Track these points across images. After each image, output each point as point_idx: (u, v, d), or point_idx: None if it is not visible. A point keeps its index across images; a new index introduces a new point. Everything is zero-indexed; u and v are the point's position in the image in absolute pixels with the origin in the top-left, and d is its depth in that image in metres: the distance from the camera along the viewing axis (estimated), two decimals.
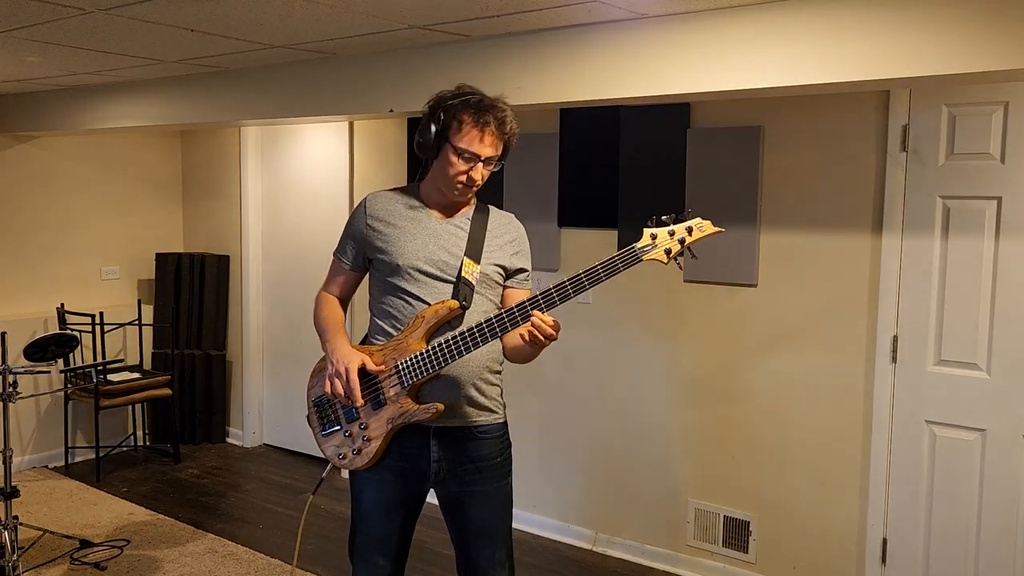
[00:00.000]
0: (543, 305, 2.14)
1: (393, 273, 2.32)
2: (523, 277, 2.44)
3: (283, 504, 4.73)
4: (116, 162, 5.69)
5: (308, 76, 3.75)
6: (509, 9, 2.74)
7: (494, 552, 2.41)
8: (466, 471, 2.35)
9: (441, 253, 2.32)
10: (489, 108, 2.24)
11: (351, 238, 2.44)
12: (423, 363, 2.23)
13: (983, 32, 2.24)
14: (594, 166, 4.02)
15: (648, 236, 2.13)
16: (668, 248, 2.12)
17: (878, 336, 3.36)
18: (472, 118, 2.22)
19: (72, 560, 3.86)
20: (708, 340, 3.77)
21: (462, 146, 2.24)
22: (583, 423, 4.17)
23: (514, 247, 2.42)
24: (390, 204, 2.40)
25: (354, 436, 2.34)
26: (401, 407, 2.26)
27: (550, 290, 2.14)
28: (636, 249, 2.12)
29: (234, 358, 5.83)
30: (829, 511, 3.52)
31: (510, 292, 2.43)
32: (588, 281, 2.11)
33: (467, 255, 2.32)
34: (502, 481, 2.42)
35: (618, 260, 2.11)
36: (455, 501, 2.40)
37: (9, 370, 3.62)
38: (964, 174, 3.17)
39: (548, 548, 4.16)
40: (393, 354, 2.28)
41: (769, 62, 2.58)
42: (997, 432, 3.16)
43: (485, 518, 2.40)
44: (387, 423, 2.28)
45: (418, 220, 2.35)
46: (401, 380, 2.26)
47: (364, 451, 2.32)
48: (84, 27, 3.08)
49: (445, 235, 2.34)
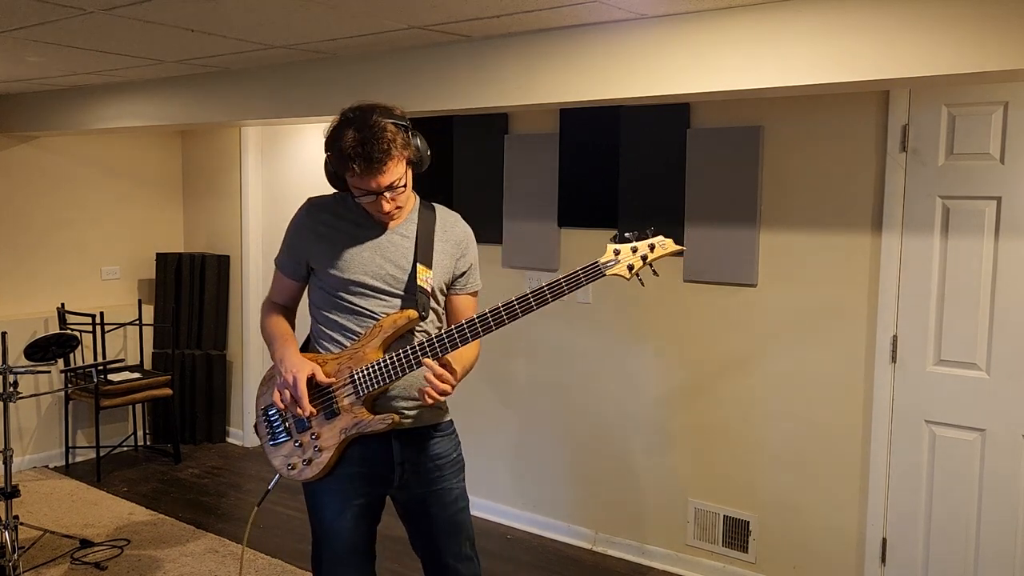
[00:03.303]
0: (505, 318, 2.14)
1: (339, 287, 2.30)
2: (465, 281, 2.42)
3: (283, 504, 4.73)
4: (116, 162, 5.70)
5: (308, 76, 3.75)
6: (509, 9, 2.74)
7: (461, 547, 2.41)
8: (428, 470, 2.35)
9: (388, 266, 2.29)
10: (371, 140, 2.12)
11: (293, 248, 2.40)
12: (380, 373, 2.21)
13: (983, 32, 2.24)
14: (594, 166, 4.02)
15: (611, 252, 2.15)
16: (631, 264, 2.14)
17: (878, 336, 3.36)
18: (357, 163, 2.13)
19: (72, 560, 3.87)
20: (708, 340, 3.77)
21: (360, 187, 2.19)
22: (583, 423, 4.17)
23: (460, 248, 2.40)
24: (332, 212, 2.35)
25: (305, 446, 2.31)
26: (356, 417, 2.24)
27: (512, 303, 2.14)
28: (599, 264, 2.14)
29: (234, 358, 5.83)
30: (829, 511, 3.52)
31: (455, 299, 2.41)
32: (551, 295, 2.13)
33: (420, 262, 2.29)
34: (459, 476, 2.42)
35: (581, 274, 2.13)
36: (418, 502, 2.38)
37: (9, 370, 3.62)
38: (964, 174, 3.17)
39: (548, 548, 4.16)
40: (349, 363, 2.25)
41: (769, 62, 2.58)
42: (997, 432, 3.16)
43: (451, 514, 2.39)
44: (340, 433, 2.26)
45: (361, 231, 2.31)
46: (357, 390, 2.24)
47: (315, 462, 2.29)
48: (84, 27, 3.08)
49: (390, 246, 2.31)
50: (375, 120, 2.15)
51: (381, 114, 2.17)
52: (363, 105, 2.21)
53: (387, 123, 2.15)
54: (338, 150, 2.16)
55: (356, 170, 2.14)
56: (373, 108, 2.19)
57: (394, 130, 2.15)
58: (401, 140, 2.17)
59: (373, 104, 2.22)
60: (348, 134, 2.14)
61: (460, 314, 2.40)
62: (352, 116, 2.18)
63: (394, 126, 2.16)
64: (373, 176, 2.15)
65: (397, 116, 2.21)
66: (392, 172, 2.17)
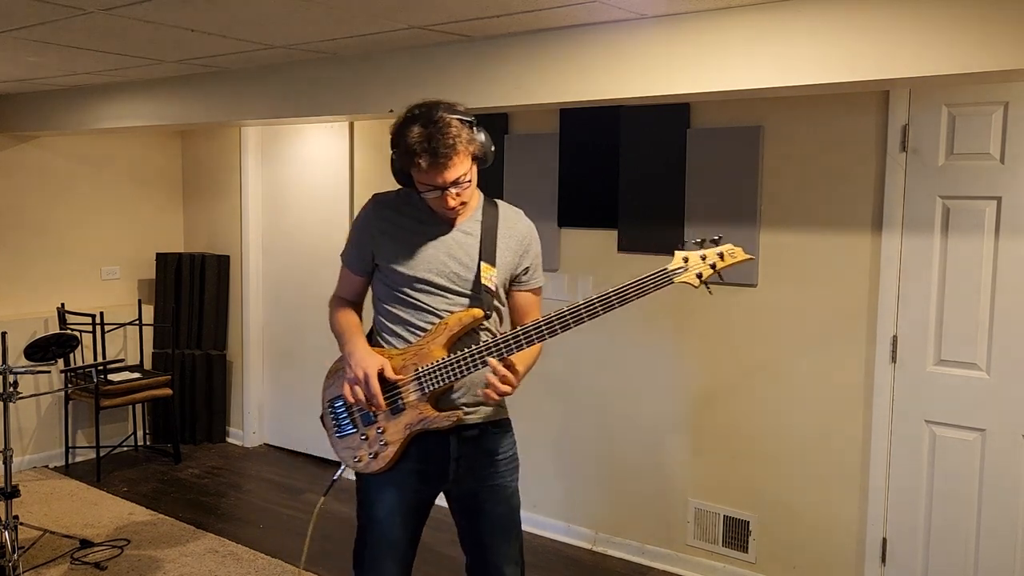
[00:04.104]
0: (571, 322, 2.15)
1: (403, 283, 2.31)
2: (528, 277, 2.42)
3: (284, 504, 4.73)
4: (116, 162, 5.70)
5: (308, 76, 3.75)
6: (509, 9, 2.74)
7: (509, 549, 2.42)
8: (483, 466, 2.36)
9: (452, 264, 2.30)
10: (437, 135, 2.14)
11: (357, 244, 2.42)
12: (445, 371, 2.23)
13: (983, 32, 2.24)
14: (594, 166, 4.02)
15: (680, 259, 2.15)
16: (699, 272, 2.14)
17: (878, 336, 3.36)
18: (423, 158, 2.15)
19: (72, 560, 3.87)
20: (708, 340, 3.77)
21: (425, 182, 2.21)
22: (583, 423, 4.17)
23: (523, 245, 2.40)
24: (397, 209, 2.37)
25: (371, 440, 2.32)
26: (420, 413, 2.26)
27: (579, 307, 2.14)
28: (668, 271, 2.14)
29: (234, 358, 5.83)
30: (829, 511, 3.52)
31: (518, 295, 2.42)
32: (618, 301, 2.14)
33: (484, 260, 2.31)
34: (514, 475, 2.43)
35: (649, 281, 2.13)
36: (471, 497, 2.39)
37: (9, 370, 3.62)
38: (964, 174, 3.17)
39: (548, 548, 4.16)
40: (414, 359, 2.27)
41: (769, 62, 2.58)
42: (997, 432, 3.16)
43: (502, 513, 2.40)
44: (405, 428, 2.27)
45: (425, 227, 2.33)
46: (422, 386, 2.26)
47: (381, 455, 2.31)
48: (84, 27, 3.08)
49: (454, 244, 2.32)
50: (440, 116, 2.17)
51: (446, 110, 2.19)
52: (428, 102, 2.23)
53: (452, 119, 2.17)
54: (404, 146, 2.18)
55: (422, 165, 2.16)
56: (438, 104, 2.22)
57: (459, 125, 2.17)
58: (466, 135, 2.19)
59: (438, 100, 2.24)
60: (414, 130, 2.16)
61: (523, 310, 2.42)
62: (417, 112, 2.20)
63: (459, 122, 2.18)
64: (439, 171, 2.17)
65: (461, 112, 2.23)
66: (458, 167, 2.18)
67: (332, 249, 5.82)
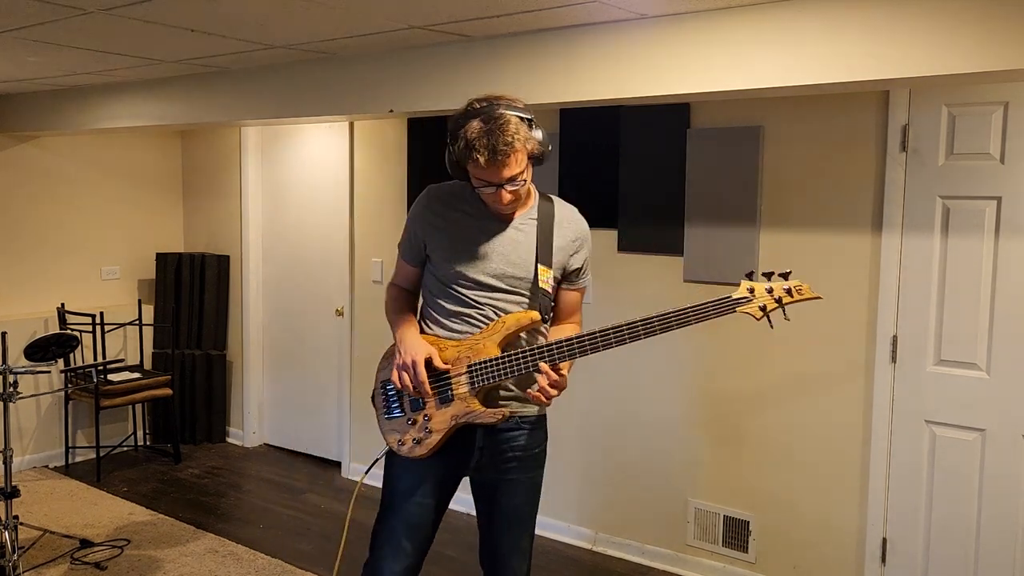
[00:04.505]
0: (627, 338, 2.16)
1: (452, 278, 2.32)
2: (577, 277, 2.43)
3: (283, 504, 4.73)
4: (116, 162, 5.69)
5: (308, 76, 3.75)
6: (509, 9, 2.74)
7: (519, 540, 2.45)
8: (505, 459, 2.37)
9: (500, 262, 2.30)
10: (496, 131, 2.14)
11: (412, 235, 2.42)
12: (496, 369, 2.24)
13: (983, 32, 2.24)
14: (594, 166, 4.02)
15: (745, 289, 2.16)
16: (763, 304, 2.15)
17: (878, 336, 3.36)
18: (482, 153, 2.14)
19: (72, 560, 3.86)
20: (708, 340, 3.77)
21: (482, 178, 2.21)
22: (583, 423, 4.17)
23: (575, 245, 2.40)
24: (450, 204, 2.37)
25: (418, 425, 2.34)
26: (468, 407, 2.27)
27: (636, 324, 2.15)
28: (732, 299, 2.15)
29: (234, 358, 5.83)
30: (829, 511, 3.52)
31: (565, 293, 2.42)
32: (677, 323, 2.15)
33: (540, 262, 2.31)
34: (536, 471, 2.45)
35: (712, 308, 2.14)
36: (490, 487, 2.42)
37: (9, 370, 3.62)
38: (964, 174, 3.17)
39: (548, 548, 4.16)
40: (468, 353, 2.28)
41: (769, 62, 2.58)
42: (997, 432, 3.16)
43: (517, 506, 2.42)
44: (451, 419, 2.29)
45: (478, 223, 2.33)
46: (472, 381, 2.27)
47: (424, 442, 2.32)
48: (84, 27, 3.08)
49: (507, 242, 2.32)
50: (500, 112, 2.17)
51: (506, 106, 2.19)
52: (489, 96, 2.23)
53: (512, 116, 2.17)
54: (463, 140, 2.17)
55: (480, 161, 2.15)
56: (499, 100, 2.21)
57: (518, 122, 2.17)
58: (524, 133, 2.18)
59: (499, 96, 2.24)
60: (473, 124, 2.16)
61: (568, 307, 2.44)
62: (478, 107, 2.20)
63: (518, 119, 2.18)
64: (497, 167, 2.16)
65: (521, 109, 2.22)
66: (515, 164, 2.18)
67: (332, 249, 5.82)
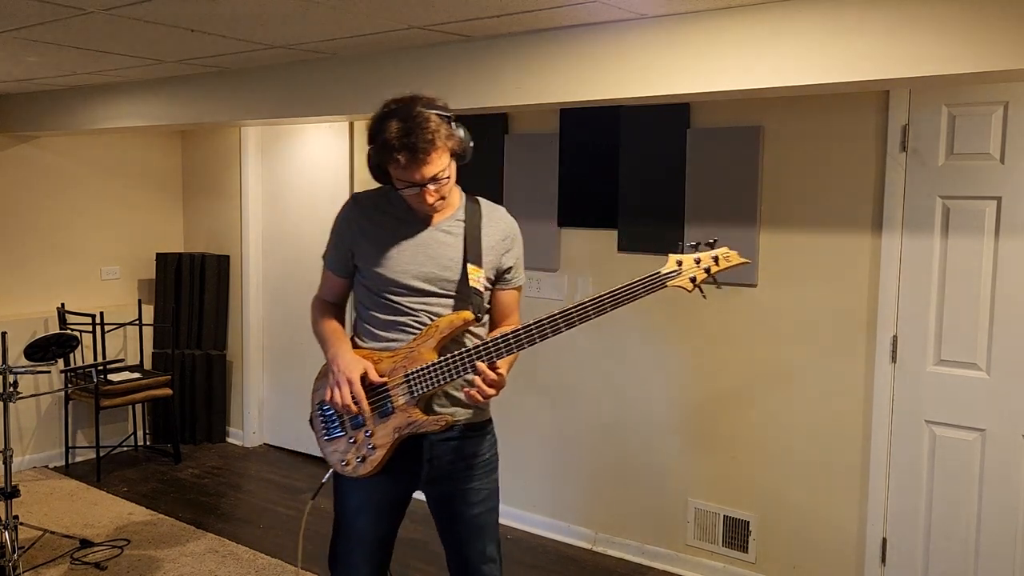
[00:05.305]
0: (562, 326, 2.12)
1: (382, 285, 2.28)
2: (511, 276, 2.39)
3: (283, 504, 4.73)
4: (116, 162, 5.70)
5: (308, 76, 3.75)
6: (509, 9, 2.74)
7: (485, 547, 2.40)
8: (458, 469, 2.33)
9: (431, 265, 2.27)
10: (415, 130, 2.11)
11: (336, 245, 2.39)
12: (435, 375, 2.20)
13: (983, 32, 2.24)
14: (594, 166, 4.02)
15: (673, 262, 2.12)
16: (693, 276, 2.11)
17: (878, 336, 3.36)
18: (402, 153, 2.11)
19: (72, 560, 3.87)
20: (708, 340, 3.77)
21: (404, 179, 2.18)
22: (583, 423, 4.17)
23: (506, 244, 2.37)
24: (376, 209, 2.33)
25: (359, 443, 2.29)
26: (410, 417, 2.23)
27: (570, 310, 2.12)
28: (661, 275, 2.12)
29: (234, 358, 5.83)
30: (829, 511, 3.52)
31: (500, 294, 2.38)
32: (610, 305, 2.11)
33: (470, 262, 2.27)
34: (491, 476, 2.41)
35: (641, 285, 2.10)
36: (446, 499, 2.38)
37: (9, 370, 3.62)
38: (964, 174, 3.17)
39: (548, 548, 4.16)
40: (404, 363, 2.24)
41: (769, 62, 2.58)
42: (997, 432, 3.16)
43: (477, 515, 2.38)
44: (394, 432, 2.25)
45: (404, 227, 2.29)
46: (411, 390, 2.23)
47: (369, 459, 2.28)
48: (84, 27, 3.08)
49: (435, 244, 2.28)
50: (419, 111, 2.14)
51: (425, 105, 2.17)
52: (406, 96, 2.21)
53: (431, 113, 2.15)
54: (382, 141, 2.15)
55: (400, 161, 2.13)
56: (416, 99, 2.19)
57: (437, 121, 2.15)
58: (445, 131, 2.16)
59: (416, 95, 2.21)
60: (392, 125, 2.13)
61: (505, 309, 2.40)
62: (395, 107, 2.18)
63: (437, 117, 2.15)
64: (417, 167, 2.13)
65: (440, 107, 2.20)
66: (436, 163, 2.15)
67: None
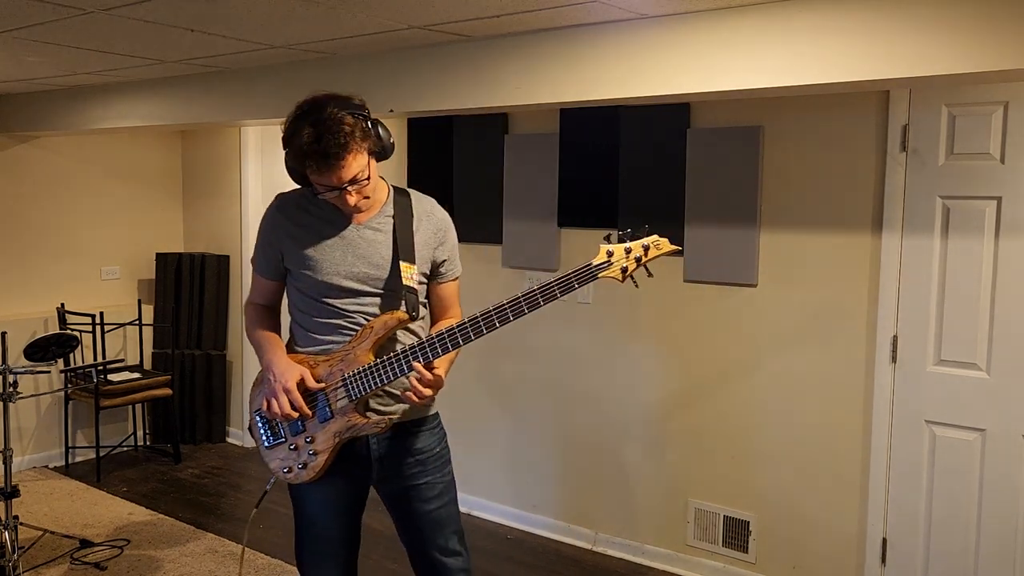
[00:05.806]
0: (496, 322, 2.07)
1: (313, 288, 2.25)
2: (446, 269, 2.35)
3: (284, 504, 4.69)
4: (116, 162, 5.69)
5: (308, 76, 3.74)
6: (509, 9, 2.73)
7: (446, 541, 2.37)
8: (407, 465, 2.31)
9: (360, 264, 2.23)
10: (327, 134, 2.03)
11: (266, 246, 2.34)
12: (371, 377, 2.18)
13: (983, 32, 2.24)
14: (594, 166, 4.02)
15: (604, 253, 2.07)
16: (624, 266, 2.06)
17: (878, 336, 3.36)
18: (315, 159, 2.05)
19: (72, 560, 3.87)
20: (708, 340, 3.77)
21: (322, 183, 2.12)
22: (583, 423, 4.17)
23: (438, 237, 2.32)
24: (301, 209, 2.28)
25: (300, 449, 2.27)
26: (349, 420, 2.21)
27: (503, 306, 2.08)
28: (592, 267, 2.07)
29: (234, 358, 5.83)
30: (829, 511, 3.52)
31: (437, 288, 2.35)
32: (543, 299, 2.06)
33: (402, 259, 2.22)
34: (444, 470, 2.38)
35: (573, 277, 2.06)
36: (400, 497, 2.35)
37: (9, 370, 3.62)
38: (964, 174, 3.17)
39: (548, 548, 4.16)
40: (340, 365, 2.21)
41: (769, 62, 2.58)
42: (997, 432, 3.16)
43: (433, 509, 2.35)
44: (334, 436, 2.22)
45: (331, 228, 2.25)
46: (349, 393, 2.20)
47: (310, 465, 2.26)
48: (84, 27, 3.08)
49: (364, 244, 2.24)
50: (330, 112, 2.06)
51: (337, 105, 2.08)
52: (318, 96, 2.13)
53: (343, 115, 2.06)
54: (295, 147, 2.08)
55: (314, 166, 2.07)
56: (328, 99, 2.11)
57: (352, 122, 2.07)
58: (360, 131, 2.08)
59: (329, 95, 2.13)
60: (304, 130, 2.06)
61: (444, 302, 2.37)
62: (307, 108, 2.10)
63: (351, 117, 2.07)
64: (332, 171, 2.07)
65: (355, 105, 2.12)
66: (352, 166, 2.08)
67: None
